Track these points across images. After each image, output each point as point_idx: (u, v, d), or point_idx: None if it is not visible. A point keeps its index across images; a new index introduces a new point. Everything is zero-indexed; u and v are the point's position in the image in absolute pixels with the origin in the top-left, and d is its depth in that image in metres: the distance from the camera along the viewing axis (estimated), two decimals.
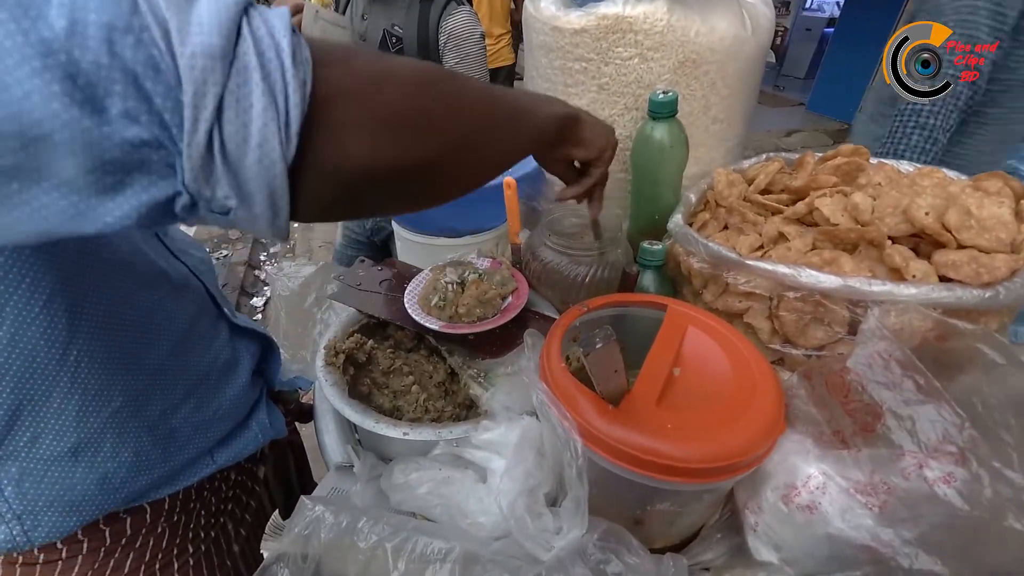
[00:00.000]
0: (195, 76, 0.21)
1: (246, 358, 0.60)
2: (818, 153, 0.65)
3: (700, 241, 0.54)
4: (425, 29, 1.03)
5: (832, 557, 0.38)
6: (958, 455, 0.31)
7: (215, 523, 0.59)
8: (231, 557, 0.61)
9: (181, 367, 0.49)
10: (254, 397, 0.62)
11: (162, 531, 0.53)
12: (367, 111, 0.27)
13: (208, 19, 0.22)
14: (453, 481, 0.47)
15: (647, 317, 0.54)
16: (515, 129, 0.41)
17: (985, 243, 0.46)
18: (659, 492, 0.40)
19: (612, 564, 0.36)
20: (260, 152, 0.23)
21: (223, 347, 0.56)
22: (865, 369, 0.37)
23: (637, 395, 0.42)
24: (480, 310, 0.62)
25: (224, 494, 0.61)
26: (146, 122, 0.21)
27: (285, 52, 0.23)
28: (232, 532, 0.62)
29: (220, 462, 0.56)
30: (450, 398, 0.62)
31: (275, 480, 0.72)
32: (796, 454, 0.40)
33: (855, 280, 0.44)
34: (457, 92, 0.33)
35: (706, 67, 0.63)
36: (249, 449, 0.60)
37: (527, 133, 0.43)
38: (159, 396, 0.47)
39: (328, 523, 0.38)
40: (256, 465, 0.68)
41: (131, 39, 0.20)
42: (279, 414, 0.66)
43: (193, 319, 0.51)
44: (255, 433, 0.60)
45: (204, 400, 0.53)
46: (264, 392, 0.65)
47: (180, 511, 0.54)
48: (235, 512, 0.63)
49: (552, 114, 0.46)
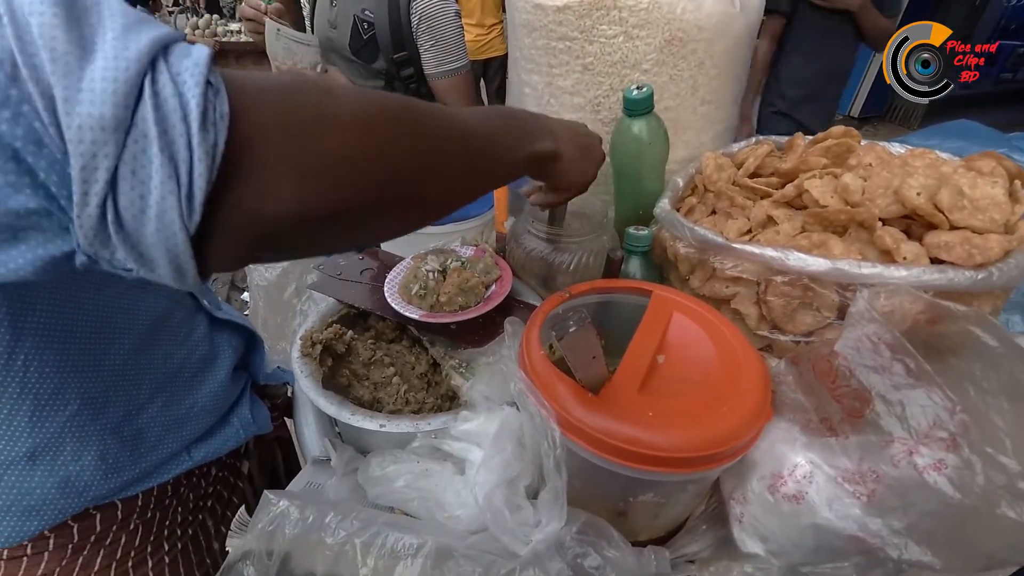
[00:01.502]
0: (83, 150, 0.19)
1: (227, 352, 0.58)
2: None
3: (687, 225, 0.52)
4: (396, 12, 0.99)
5: (819, 548, 0.37)
6: (949, 441, 0.29)
7: (194, 520, 0.58)
8: (211, 555, 0.60)
9: (146, 366, 0.47)
10: (236, 392, 0.60)
11: (135, 528, 0.51)
12: (297, 160, 0.24)
13: (101, 84, 0.19)
14: (431, 474, 0.46)
15: (632, 304, 0.53)
16: (484, 168, 0.37)
17: (978, 224, 0.44)
18: (642, 483, 0.39)
19: (590, 558, 0.35)
20: (159, 223, 0.21)
21: (200, 342, 0.54)
22: (853, 353, 0.36)
23: (618, 383, 0.40)
24: (462, 299, 0.60)
25: (203, 490, 0.59)
26: (30, 194, 0.20)
27: (193, 115, 0.21)
28: (212, 529, 0.60)
29: (197, 458, 0.54)
30: (432, 390, 0.60)
31: (261, 476, 0.70)
32: (783, 442, 0.39)
33: (844, 263, 0.43)
34: (414, 131, 0.29)
35: (693, 45, 0.61)
36: (229, 445, 0.58)
37: (499, 175, 0.40)
38: (122, 397, 0.45)
39: (293, 518, 0.36)
40: (239, 460, 0.66)
41: (7, 113, 0.19)
42: (264, 409, 0.64)
43: (162, 315, 0.48)
44: (236, 428, 0.58)
45: (175, 398, 0.51)
46: (248, 386, 0.63)
47: (155, 507, 0.52)
48: (216, 508, 0.61)
49: (530, 155, 0.42)
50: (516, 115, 0.43)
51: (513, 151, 0.40)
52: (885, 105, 4.37)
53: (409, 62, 1.05)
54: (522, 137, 0.42)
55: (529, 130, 0.43)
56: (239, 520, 0.38)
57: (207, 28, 4.40)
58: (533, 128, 0.43)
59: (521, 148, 0.41)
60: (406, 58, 1.04)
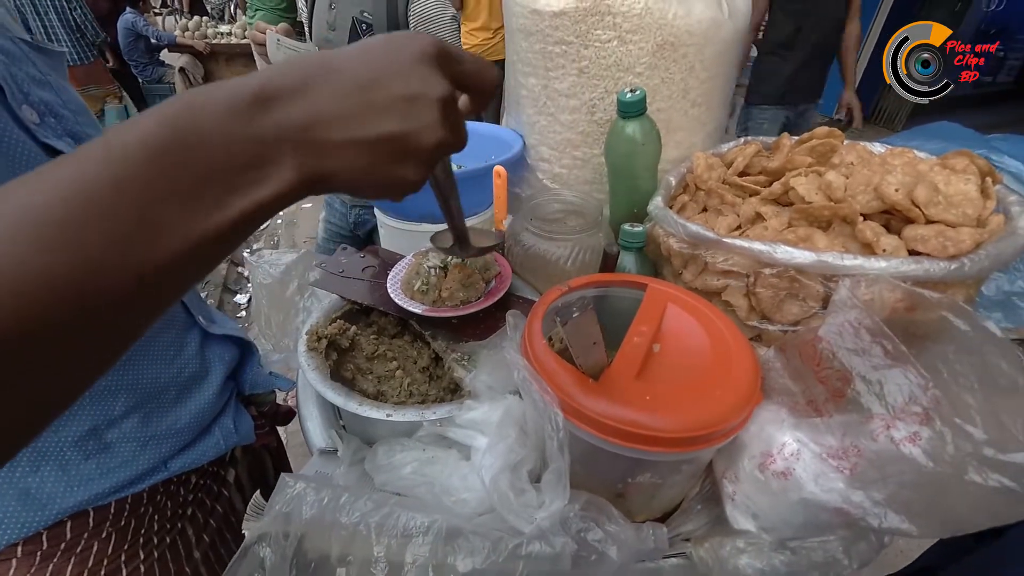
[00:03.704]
0: None
1: (218, 368, 0.57)
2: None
3: (679, 222, 0.54)
4: (395, 14, 1.02)
5: (807, 523, 0.40)
6: (923, 415, 0.32)
7: (172, 528, 0.55)
8: (191, 564, 0.57)
9: (123, 383, 0.46)
10: (221, 404, 0.58)
11: (108, 536, 0.49)
12: None
13: None
14: (437, 460, 0.48)
15: (628, 297, 0.55)
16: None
17: (952, 218, 0.47)
18: (640, 463, 0.41)
19: (593, 532, 0.37)
20: None
21: (190, 359, 0.53)
22: (836, 337, 0.38)
23: (617, 370, 0.43)
24: (463, 294, 0.62)
25: (183, 498, 0.57)
26: None
27: None
28: (193, 537, 0.58)
29: (174, 469, 0.52)
30: (435, 383, 0.62)
31: (251, 484, 0.69)
32: (771, 423, 0.41)
33: (828, 255, 0.45)
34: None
35: (684, 50, 0.64)
36: (208, 456, 0.56)
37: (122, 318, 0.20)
38: (87, 412, 0.44)
39: (310, 500, 0.38)
40: (223, 468, 0.64)
41: None
42: (248, 418, 0.63)
43: (148, 335, 0.47)
44: (217, 439, 0.57)
45: (154, 415, 0.49)
46: (233, 397, 0.62)
47: (129, 515, 0.50)
48: (197, 516, 0.59)
49: (207, 232, 0.20)
50: (168, 149, 0.19)
51: (121, 265, 0.18)
52: (870, 108, 4.47)
53: None
54: (158, 216, 0.19)
55: (190, 185, 0.20)
56: (255, 504, 0.39)
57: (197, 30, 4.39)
58: (206, 168, 0.20)
59: (155, 242, 0.19)
60: None
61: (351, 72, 0.23)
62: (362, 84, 0.23)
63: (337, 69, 0.23)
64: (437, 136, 0.25)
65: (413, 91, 0.23)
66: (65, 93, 0.46)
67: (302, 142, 0.22)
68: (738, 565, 0.41)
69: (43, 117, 0.41)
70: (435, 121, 0.24)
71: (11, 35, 0.42)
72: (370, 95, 0.23)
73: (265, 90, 0.21)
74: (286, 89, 0.22)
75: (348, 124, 0.22)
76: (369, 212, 1.30)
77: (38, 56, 0.44)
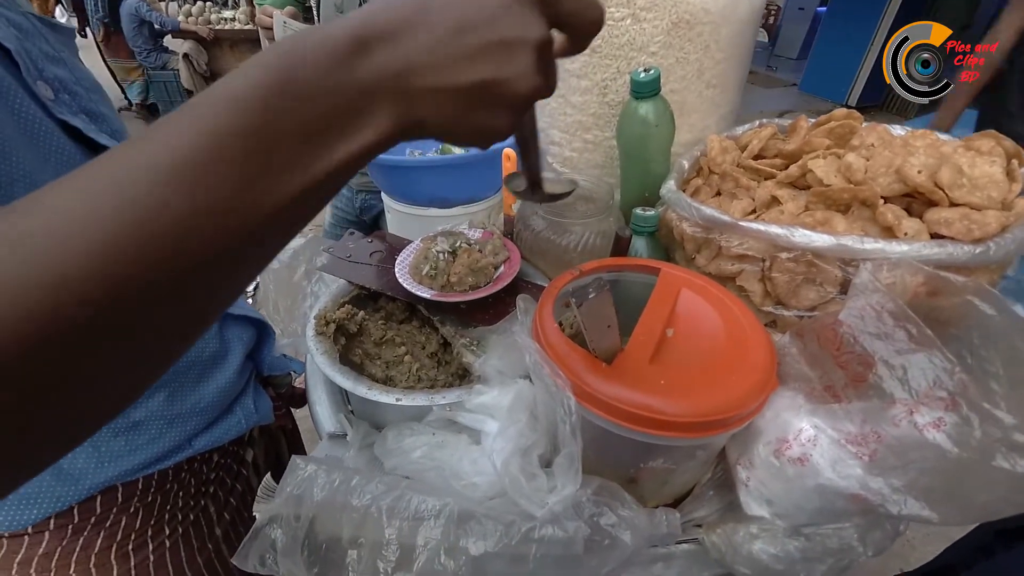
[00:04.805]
0: None
1: (237, 348, 0.58)
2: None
3: (693, 205, 0.53)
4: None
5: (822, 509, 0.39)
6: (948, 400, 0.31)
7: (195, 504, 0.57)
8: (213, 540, 0.59)
9: None
10: (241, 384, 0.60)
11: (135, 511, 0.51)
12: None
13: None
14: (447, 444, 0.47)
15: (640, 283, 0.54)
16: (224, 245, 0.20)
17: (977, 201, 0.46)
18: (653, 449, 0.40)
19: (606, 516, 0.36)
20: None
21: (211, 339, 0.54)
22: (857, 321, 0.37)
23: (630, 354, 0.42)
24: (472, 279, 0.61)
25: (205, 476, 0.59)
26: None
27: None
28: (215, 514, 0.60)
29: (198, 447, 0.54)
30: (443, 368, 0.62)
31: (266, 464, 0.71)
32: (787, 409, 0.40)
33: (848, 238, 0.44)
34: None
35: (700, 28, 0.62)
36: (230, 435, 0.57)
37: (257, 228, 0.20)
38: None
39: (321, 482, 0.38)
40: (243, 448, 0.66)
41: None
42: (267, 399, 0.64)
43: None
44: (239, 419, 0.58)
45: (179, 394, 0.50)
46: (252, 377, 0.63)
47: (155, 491, 0.52)
48: (218, 494, 0.61)
49: (326, 172, 0.21)
50: (291, 92, 0.20)
51: (244, 207, 0.19)
52: (882, 95, 4.39)
53: None
54: (272, 162, 0.20)
55: (298, 131, 0.20)
56: (265, 486, 0.39)
57: (200, 15, 4.35)
58: (312, 116, 0.20)
59: (272, 186, 0.20)
60: None
61: (445, 15, 0.22)
62: (456, 28, 0.22)
63: (433, 10, 0.22)
64: (531, 84, 0.24)
65: (508, 35, 0.23)
66: (78, 70, 0.45)
67: (397, 90, 0.22)
68: (752, 551, 0.40)
69: (57, 93, 0.41)
70: (529, 68, 0.23)
71: (22, 10, 0.41)
72: (464, 40, 0.22)
73: (362, 35, 0.21)
74: (384, 33, 0.21)
75: (441, 71, 0.22)
76: (375, 197, 1.29)
77: (49, 32, 0.44)
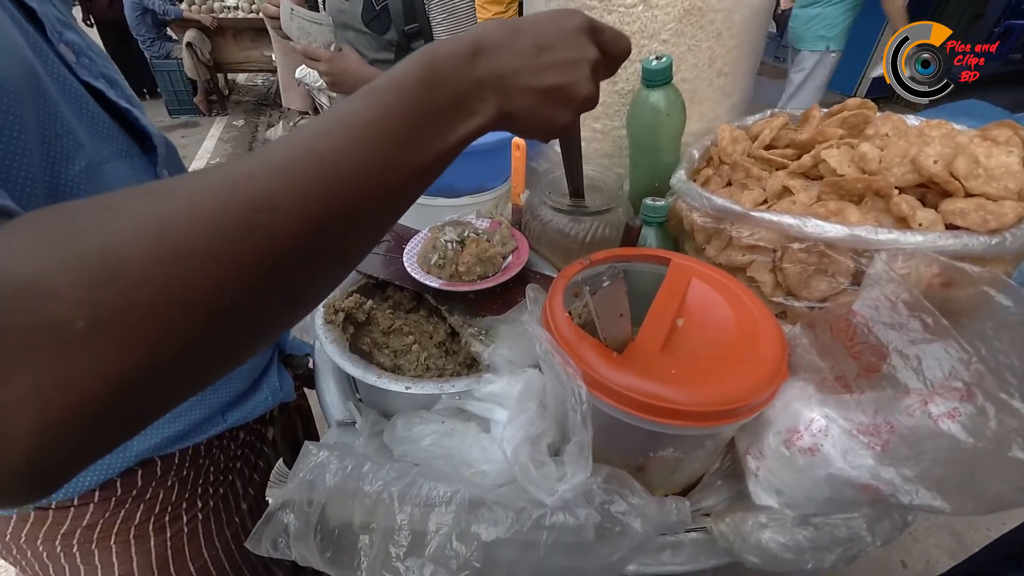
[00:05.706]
0: None
1: None
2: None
3: (704, 195, 0.53)
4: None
5: (832, 499, 0.39)
6: (964, 391, 0.31)
7: (224, 480, 0.61)
8: (239, 514, 0.63)
9: None
10: (265, 359, 0.63)
11: (172, 484, 0.54)
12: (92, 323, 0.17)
13: None
14: (456, 433, 0.47)
15: (650, 273, 0.54)
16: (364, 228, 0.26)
17: (993, 191, 0.45)
18: (662, 438, 0.41)
19: (617, 504, 0.36)
20: None
21: None
22: (871, 311, 0.37)
23: (641, 343, 0.42)
24: (480, 268, 0.61)
25: (233, 452, 0.62)
26: None
27: None
28: (241, 490, 0.63)
29: (230, 421, 0.57)
30: (451, 357, 0.62)
31: (283, 443, 0.74)
32: (798, 400, 0.40)
33: (861, 229, 0.44)
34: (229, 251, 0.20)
35: (712, 15, 0.61)
36: (259, 410, 0.60)
37: (389, 208, 0.27)
38: None
39: (333, 468, 0.38)
40: (265, 426, 0.69)
41: None
42: (288, 378, 0.67)
43: None
44: (265, 395, 0.61)
45: None
46: (275, 355, 0.66)
47: (190, 466, 0.55)
48: (244, 471, 0.64)
49: (449, 147, 0.28)
50: (412, 88, 0.26)
51: (402, 162, 0.25)
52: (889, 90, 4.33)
53: (420, 34, 1.04)
54: (422, 131, 0.26)
55: (437, 110, 0.27)
56: (277, 472, 0.39)
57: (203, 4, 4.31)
58: (446, 100, 0.27)
59: (421, 148, 0.26)
60: (417, 30, 1.03)
61: (532, 37, 0.30)
62: (540, 46, 0.30)
63: (524, 32, 0.30)
64: (588, 90, 0.32)
65: (574, 55, 0.31)
66: (86, 37, 0.46)
67: (501, 86, 0.29)
68: (760, 540, 0.41)
69: (79, 56, 0.42)
70: (587, 78, 0.32)
71: None
72: (546, 55, 0.30)
73: (478, 43, 0.28)
74: (492, 45, 0.29)
75: (530, 75, 0.30)
76: None
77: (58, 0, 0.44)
